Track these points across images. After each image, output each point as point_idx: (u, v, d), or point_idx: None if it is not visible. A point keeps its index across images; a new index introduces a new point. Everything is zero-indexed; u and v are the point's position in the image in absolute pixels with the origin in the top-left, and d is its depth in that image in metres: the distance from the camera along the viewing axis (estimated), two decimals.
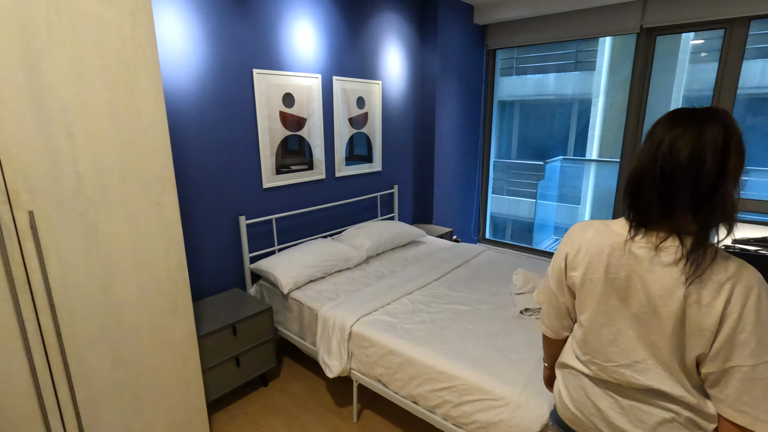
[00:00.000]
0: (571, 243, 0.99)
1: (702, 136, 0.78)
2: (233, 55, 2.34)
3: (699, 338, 0.81)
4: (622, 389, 0.93)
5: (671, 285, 0.82)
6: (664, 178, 0.81)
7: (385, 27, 3.27)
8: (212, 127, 2.31)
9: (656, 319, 0.85)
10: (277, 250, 2.77)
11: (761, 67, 5.77)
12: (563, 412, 1.06)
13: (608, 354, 0.93)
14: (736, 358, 0.78)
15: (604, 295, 0.92)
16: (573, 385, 1.02)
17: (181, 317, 1.73)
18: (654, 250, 0.85)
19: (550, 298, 1.07)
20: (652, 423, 0.89)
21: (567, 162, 7.19)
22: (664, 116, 0.87)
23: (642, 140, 0.89)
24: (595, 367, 0.96)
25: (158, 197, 1.58)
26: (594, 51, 7.56)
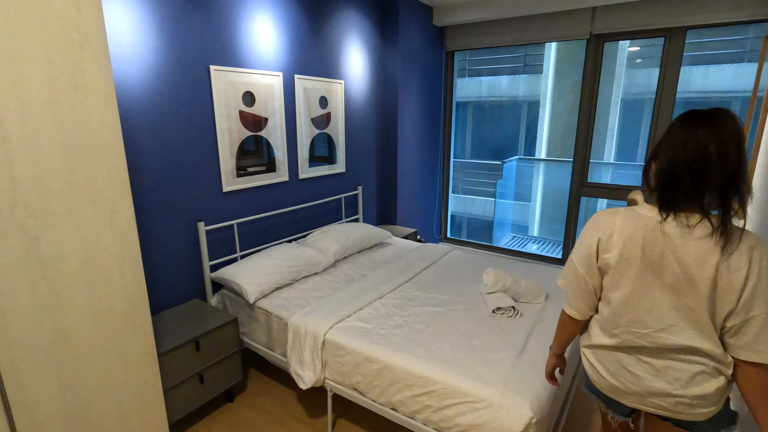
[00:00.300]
0: (601, 229, 1.09)
1: (723, 131, 0.94)
2: (188, 49, 2.18)
3: (729, 296, 0.97)
4: (656, 352, 1.06)
5: (705, 255, 0.97)
6: (695, 169, 0.96)
7: (347, 25, 3.21)
8: (166, 126, 2.15)
9: (692, 286, 0.99)
10: (239, 257, 2.62)
11: (696, 74, 6.30)
12: (601, 383, 1.17)
13: (646, 322, 1.05)
14: (755, 309, 0.95)
15: (641, 271, 1.04)
16: (608, 359, 1.14)
17: (139, 335, 1.58)
18: (686, 227, 0.99)
19: (578, 283, 1.15)
20: (686, 378, 1.03)
21: (522, 161, 7.47)
22: (679, 118, 1.02)
23: (645, 141, 1.02)
24: (631, 336, 1.07)
25: (111, 204, 1.43)
26: (541, 55, 7.91)
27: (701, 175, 0.96)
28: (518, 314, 2.07)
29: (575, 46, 7.32)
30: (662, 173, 1.02)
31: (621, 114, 7.19)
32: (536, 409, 1.44)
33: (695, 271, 0.98)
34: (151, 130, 2.09)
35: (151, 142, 2.09)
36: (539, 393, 1.51)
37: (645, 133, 7.21)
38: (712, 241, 0.97)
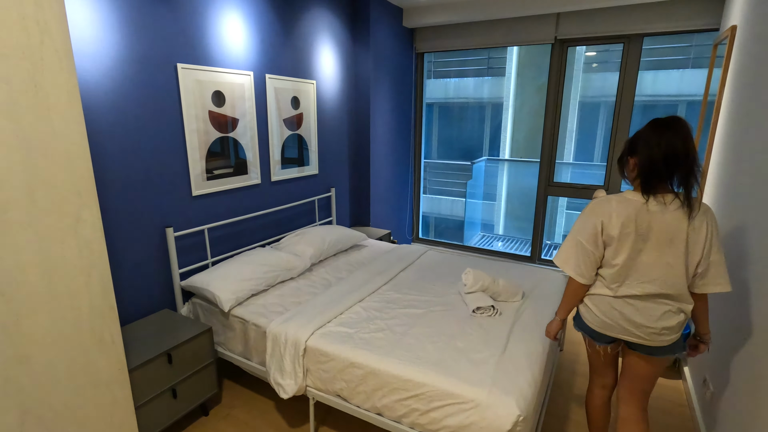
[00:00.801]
0: (602, 213, 1.43)
1: (683, 132, 1.31)
2: (154, 46, 2.07)
3: (697, 249, 1.35)
4: (639, 297, 1.42)
5: (678, 222, 1.34)
6: (668, 162, 1.31)
7: (318, 25, 3.15)
8: (131, 127, 2.02)
9: (672, 246, 1.36)
10: (210, 264, 2.52)
11: (647, 78, 6.66)
12: (594, 321, 1.53)
13: (636, 277, 1.41)
14: (712, 255, 1.35)
15: (634, 241, 1.39)
16: (602, 303, 1.49)
17: (108, 351, 1.48)
18: (663, 204, 1.36)
19: (586, 256, 1.48)
20: (658, 315, 1.41)
21: (490, 162, 7.63)
22: (649, 125, 1.38)
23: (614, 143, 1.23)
24: (625, 287, 1.43)
25: (76, 212, 1.33)
26: (504, 58, 8.12)
27: (672, 166, 1.33)
28: (498, 313, 2.11)
29: (536, 50, 7.58)
30: (644, 166, 1.36)
31: (579, 116, 7.50)
32: (523, 407, 1.47)
33: (673, 234, 1.35)
34: (115, 132, 1.96)
35: (114, 145, 1.96)
36: (524, 391, 1.53)
37: (601, 134, 7.55)
38: (681, 212, 1.34)
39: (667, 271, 1.37)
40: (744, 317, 1.64)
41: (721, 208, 2.18)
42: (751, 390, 1.46)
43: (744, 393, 1.53)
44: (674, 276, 1.37)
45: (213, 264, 2.55)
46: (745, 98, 2.02)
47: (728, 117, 2.30)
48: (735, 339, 1.70)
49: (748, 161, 1.83)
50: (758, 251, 1.58)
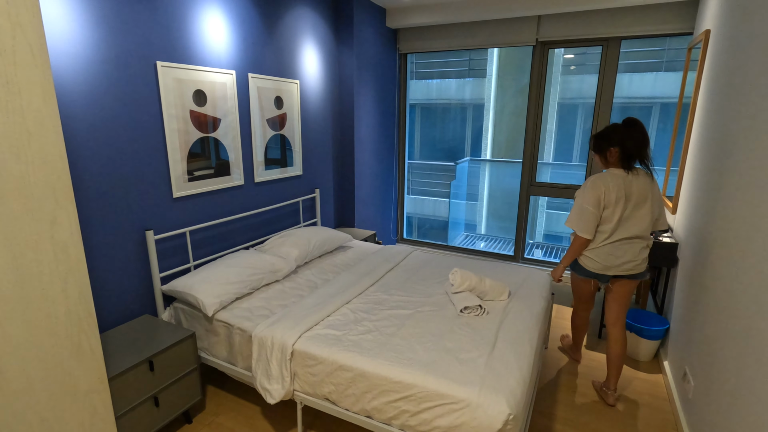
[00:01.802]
0: (601, 185, 2.03)
1: (643, 130, 2.01)
2: (132, 43, 2.00)
3: (657, 202, 2.05)
4: (626, 241, 2.06)
5: (646, 186, 2.02)
6: (639, 148, 2.00)
7: (301, 24, 3.12)
8: (109, 127, 1.95)
9: (645, 202, 2.03)
10: (193, 267, 2.45)
11: (622, 81, 6.83)
12: (595, 267, 2.15)
13: (626, 225, 2.04)
14: (662, 206, 2.07)
15: (623, 204, 2.01)
16: (601, 251, 2.11)
17: (86, 359, 1.42)
18: (636, 176, 2.03)
19: (591, 216, 2.06)
20: (637, 250, 2.08)
21: (473, 163, 7.71)
22: (624, 124, 2.04)
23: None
24: (616, 235, 2.06)
25: (51, 215, 1.27)
26: (485, 60, 8.22)
27: (641, 150, 2.02)
28: (485, 312, 2.12)
29: (516, 53, 7.69)
30: (624, 152, 2.03)
31: (558, 117, 7.65)
32: (513, 406, 1.47)
33: (645, 194, 2.02)
34: (92, 132, 1.89)
35: (92, 145, 1.89)
36: (514, 389, 1.54)
37: (579, 135, 7.70)
38: (647, 178, 2.04)
39: (641, 220, 2.04)
40: (720, 311, 1.69)
41: (697, 205, 2.25)
42: (730, 381, 1.51)
43: (723, 385, 1.57)
44: (646, 223, 2.04)
45: (195, 267, 2.49)
46: (719, 100, 2.09)
47: (703, 118, 2.37)
48: (713, 333, 1.75)
49: (722, 160, 1.89)
50: (734, 245, 1.63)
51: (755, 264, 1.42)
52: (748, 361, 1.39)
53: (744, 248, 1.54)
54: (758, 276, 1.39)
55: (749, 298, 1.44)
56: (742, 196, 1.63)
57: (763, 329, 1.31)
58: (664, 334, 2.61)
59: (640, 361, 2.67)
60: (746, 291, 1.47)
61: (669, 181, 3.17)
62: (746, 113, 1.69)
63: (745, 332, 1.44)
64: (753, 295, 1.41)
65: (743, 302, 1.49)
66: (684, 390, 2.06)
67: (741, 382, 1.43)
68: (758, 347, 1.33)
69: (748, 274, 1.47)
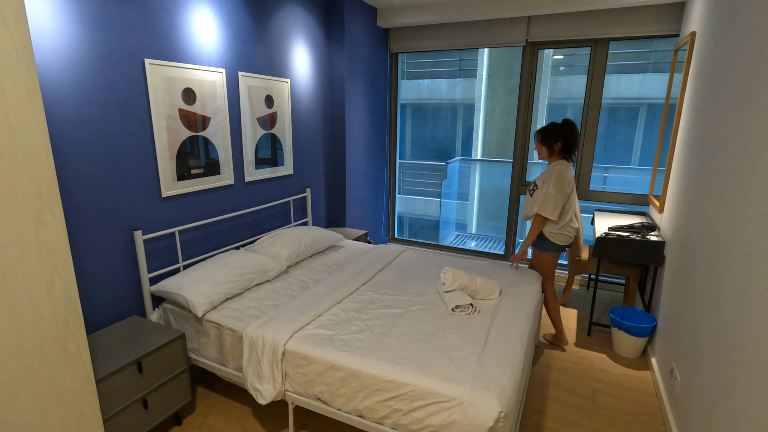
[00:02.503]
0: (567, 175, 2.48)
1: (577, 129, 2.52)
2: (120, 40, 1.97)
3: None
4: (574, 216, 2.58)
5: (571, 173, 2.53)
6: (576, 143, 2.52)
7: (292, 22, 3.10)
8: (96, 125, 1.92)
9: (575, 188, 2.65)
10: (182, 267, 2.43)
11: (610, 82, 6.92)
12: (564, 240, 2.59)
13: (574, 206, 2.54)
14: None
15: (573, 187, 2.52)
16: (564, 230, 2.57)
17: (73, 361, 1.39)
18: (572, 164, 2.56)
19: (560, 201, 2.49)
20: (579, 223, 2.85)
21: (463, 162, 7.75)
22: (566, 125, 2.51)
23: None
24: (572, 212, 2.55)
25: (37, 214, 1.24)
26: (475, 60, 8.26)
27: (576, 146, 2.51)
28: (476, 311, 2.13)
29: (506, 53, 7.74)
30: (568, 146, 2.51)
31: (547, 117, 7.72)
32: (504, 403, 1.48)
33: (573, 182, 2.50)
34: (79, 130, 1.85)
35: (78, 143, 1.86)
36: (505, 387, 1.55)
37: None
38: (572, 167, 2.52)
39: (576, 200, 2.59)
40: (706, 308, 1.72)
41: (683, 204, 2.28)
42: (716, 377, 1.53)
43: (709, 380, 1.60)
44: (576, 202, 2.65)
45: (185, 268, 2.47)
46: (704, 101, 2.13)
47: (689, 119, 2.41)
48: (699, 329, 1.78)
49: (709, 160, 1.92)
50: (718, 244, 1.66)
51: (739, 261, 1.45)
52: (733, 357, 1.42)
53: (728, 247, 1.57)
54: (742, 273, 1.42)
55: (734, 295, 1.47)
56: (726, 197, 1.66)
57: (748, 326, 1.33)
58: (652, 331, 2.65)
59: (629, 357, 2.70)
60: (731, 288, 1.50)
61: (656, 181, 3.21)
62: (729, 114, 1.72)
63: (730, 329, 1.47)
64: (737, 293, 1.44)
65: (728, 299, 1.52)
66: (671, 386, 2.10)
67: (726, 377, 1.45)
68: (743, 343, 1.35)
69: (733, 271, 1.50)
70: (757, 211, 1.36)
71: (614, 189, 3.77)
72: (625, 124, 6.37)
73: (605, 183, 5.99)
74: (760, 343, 1.24)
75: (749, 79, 1.56)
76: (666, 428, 2.07)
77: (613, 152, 6.03)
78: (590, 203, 3.93)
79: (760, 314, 1.26)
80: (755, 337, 1.28)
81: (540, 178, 2.58)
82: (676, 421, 1.97)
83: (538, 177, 2.61)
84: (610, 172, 6.05)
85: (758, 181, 1.38)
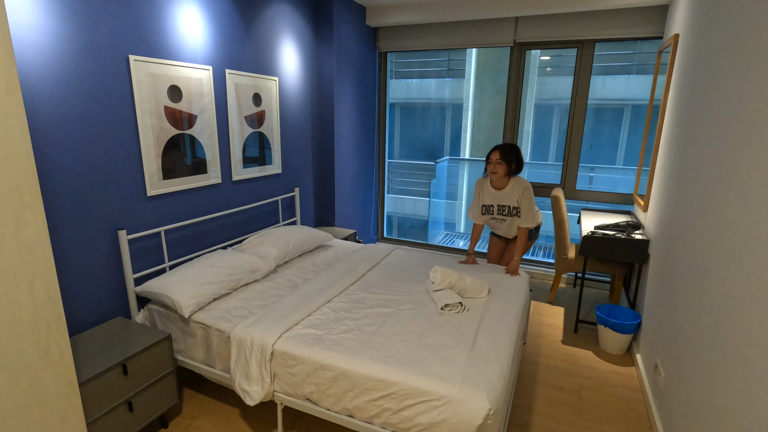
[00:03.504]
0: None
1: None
2: (104, 36, 1.93)
3: None
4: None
5: None
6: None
7: (280, 20, 3.07)
8: (79, 122, 1.88)
9: None
10: (168, 268, 2.39)
11: (596, 83, 7.02)
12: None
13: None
14: None
15: None
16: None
17: (55, 364, 1.36)
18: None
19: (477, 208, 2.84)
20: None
21: (452, 162, 7.79)
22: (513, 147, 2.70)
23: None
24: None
25: (17, 214, 1.21)
26: (463, 60, 8.30)
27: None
28: (465, 309, 2.14)
29: (493, 54, 7.80)
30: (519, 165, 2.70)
31: (534, 118, 7.80)
32: (493, 401, 1.49)
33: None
34: (61, 127, 1.81)
35: (60, 141, 1.81)
36: (494, 384, 1.56)
37: (555, 135, 7.87)
38: None
39: None
40: (689, 305, 1.75)
41: (666, 204, 2.33)
42: (699, 372, 1.57)
43: (692, 376, 1.63)
44: None
45: (171, 268, 2.43)
46: (686, 102, 2.17)
47: (672, 120, 2.46)
48: (682, 326, 1.82)
49: (692, 160, 1.96)
50: (700, 242, 1.69)
51: (721, 259, 1.48)
52: (715, 353, 1.45)
53: (710, 245, 1.61)
54: (724, 271, 1.45)
55: (715, 292, 1.50)
56: (707, 196, 1.69)
57: (730, 322, 1.36)
58: (637, 328, 2.69)
59: (615, 354, 2.75)
60: (713, 285, 1.54)
61: (641, 181, 3.27)
62: (711, 115, 1.76)
63: (713, 325, 1.50)
64: (719, 290, 1.47)
65: (710, 296, 1.55)
66: (656, 381, 2.14)
67: (709, 372, 1.48)
68: (725, 339, 1.38)
69: (715, 269, 1.53)
70: (738, 209, 1.39)
71: (600, 188, 3.82)
72: (611, 125, 6.47)
73: (591, 182, 6.08)
74: (740, 338, 1.27)
75: (730, 79, 1.60)
76: (651, 424, 2.11)
77: (599, 152, 6.12)
78: (577, 202, 3.98)
79: (740, 310, 1.29)
80: (736, 333, 1.31)
81: (510, 202, 2.75)
82: (660, 417, 2.01)
83: (503, 202, 2.77)
84: (596, 171, 6.14)
85: (739, 180, 1.41)
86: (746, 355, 1.23)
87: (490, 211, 2.84)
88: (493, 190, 2.78)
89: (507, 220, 2.82)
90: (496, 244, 3.06)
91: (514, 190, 2.71)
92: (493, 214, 2.84)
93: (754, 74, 1.40)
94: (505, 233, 2.92)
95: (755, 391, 1.15)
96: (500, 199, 2.77)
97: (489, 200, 2.82)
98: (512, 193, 2.72)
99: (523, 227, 2.73)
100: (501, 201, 2.77)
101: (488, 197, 2.82)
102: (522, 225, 2.74)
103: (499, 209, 2.80)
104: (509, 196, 2.73)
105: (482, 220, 2.90)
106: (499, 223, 2.87)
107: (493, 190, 2.78)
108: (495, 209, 2.82)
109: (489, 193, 2.80)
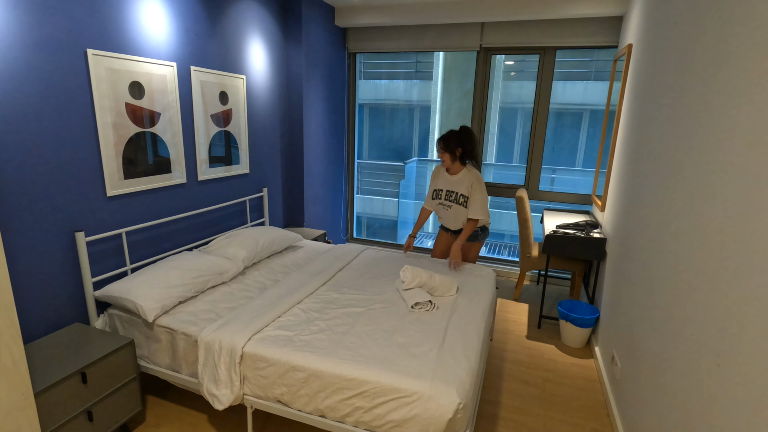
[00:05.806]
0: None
1: (474, 136, 2.77)
2: (59, 28, 1.84)
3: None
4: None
5: None
6: (476, 149, 2.80)
7: (247, 17, 3.02)
8: (32, 119, 1.78)
9: None
10: (130, 271, 2.30)
11: (556, 88, 7.31)
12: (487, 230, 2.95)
13: None
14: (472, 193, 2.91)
15: None
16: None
17: (8, 374, 1.29)
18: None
19: (486, 202, 2.72)
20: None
21: (420, 163, 7.88)
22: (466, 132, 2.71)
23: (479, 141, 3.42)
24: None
25: None
26: (431, 63, 8.43)
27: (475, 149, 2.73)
28: (435, 308, 2.18)
29: (460, 58, 7.96)
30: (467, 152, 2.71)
31: (500, 120, 8.03)
32: (462, 395, 1.54)
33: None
34: (12, 123, 1.71)
35: (12, 139, 1.71)
36: (463, 380, 1.61)
37: (519, 137, 8.13)
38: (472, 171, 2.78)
39: None
40: (641, 299, 1.87)
41: (621, 204, 2.47)
42: (652, 362, 1.68)
43: (646, 366, 1.75)
44: None
45: (133, 271, 2.34)
46: (640, 108, 2.31)
47: (626, 125, 2.61)
48: (636, 319, 1.94)
49: (644, 162, 2.10)
50: (653, 240, 1.81)
51: (667, 257, 1.60)
52: (666, 344, 1.56)
53: (659, 241, 1.72)
54: (670, 268, 1.56)
55: (665, 287, 1.61)
56: (658, 195, 1.81)
57: (679, 315, 1.47)
58: (595, 322, 2.84)
59: (575, 347, 2.88)
60: (662, 281, 1.65)
61: (598, 182, 3.44)
62: (661, 120, 1.88)
63: (664, 318, 1.61)
64: (668, 285, 1.58)
65: (660, 291, 1.67)
66: (612, 372, 2.26)
67: (661, 362, 1.59)
68: (674, 331, 1.49)
69: (663, 263, 1.65)
70: (683, 206, 1.50)
71: (561, 189, 3.99)
72: (571, 128, 6.76)
73: (553, 184, 6.33)
74: (688, 330, 1.37)
75: (678, 86, 1.72)
76: (608, 411, 2.23)
77: (560, 155, 6.38)
78: (540, 203, 4.14)
79: (686, 299, 1.40)
80: (684, 324, 1.41)
81: (459, 188, 2.77)
82: (617, 405, 2.13)
83: (452, 188, 2.80)
84: (558, 173, 6.40)
85: (684, 180, 1.52)
86: (693, 343, 1.33)
87: (439, 196, 2.87)
88: (447, 175, 2.82)
89: (452, 207, 2.83)
90: (443, 237, 3.05)
91: (466, 178, 2.74)
92: (441, 199, 2.87)
93: (698, 81, 1.51)
94: (451, 224, 2.91)
95: (701, 379, 1.25)
96: (451, 185, 2.80)
97: (441, 184, 2.86)
98: (463, 180, 2.75)
99: (471, 218, 2.75)
100: (451, 186, 2.80)
101: (441, 181, 2.86)
102: (469, 216, 2.76)
103: (447, 194, 2.82)
104: (460, 183, 2.77)
105: (431, 205, 2.96)
106: (445, 210, 2.88)
107: (448, 175, 2.82)
108: (443, 194, 2.84)
109: (443, 177, 2.85)
